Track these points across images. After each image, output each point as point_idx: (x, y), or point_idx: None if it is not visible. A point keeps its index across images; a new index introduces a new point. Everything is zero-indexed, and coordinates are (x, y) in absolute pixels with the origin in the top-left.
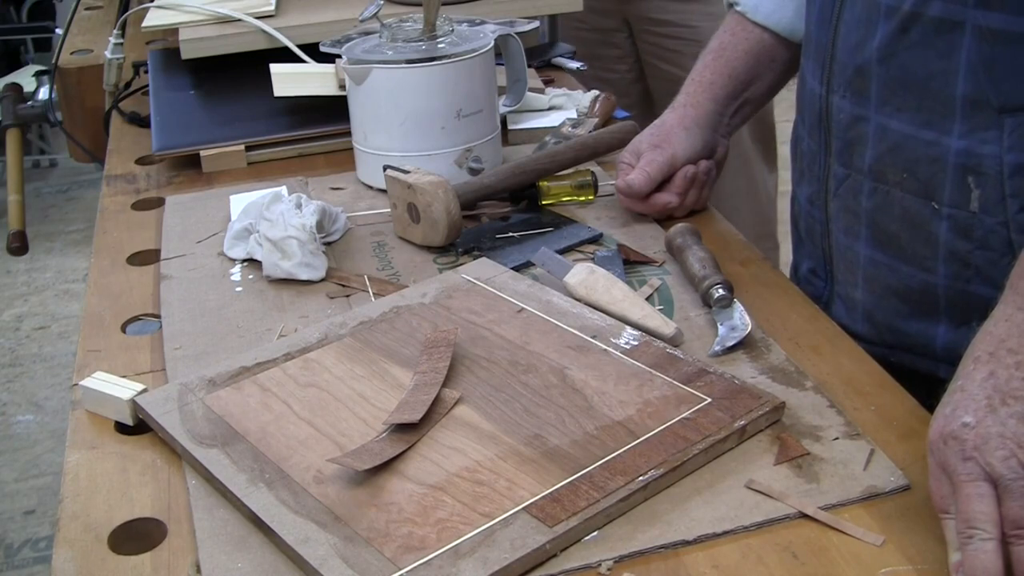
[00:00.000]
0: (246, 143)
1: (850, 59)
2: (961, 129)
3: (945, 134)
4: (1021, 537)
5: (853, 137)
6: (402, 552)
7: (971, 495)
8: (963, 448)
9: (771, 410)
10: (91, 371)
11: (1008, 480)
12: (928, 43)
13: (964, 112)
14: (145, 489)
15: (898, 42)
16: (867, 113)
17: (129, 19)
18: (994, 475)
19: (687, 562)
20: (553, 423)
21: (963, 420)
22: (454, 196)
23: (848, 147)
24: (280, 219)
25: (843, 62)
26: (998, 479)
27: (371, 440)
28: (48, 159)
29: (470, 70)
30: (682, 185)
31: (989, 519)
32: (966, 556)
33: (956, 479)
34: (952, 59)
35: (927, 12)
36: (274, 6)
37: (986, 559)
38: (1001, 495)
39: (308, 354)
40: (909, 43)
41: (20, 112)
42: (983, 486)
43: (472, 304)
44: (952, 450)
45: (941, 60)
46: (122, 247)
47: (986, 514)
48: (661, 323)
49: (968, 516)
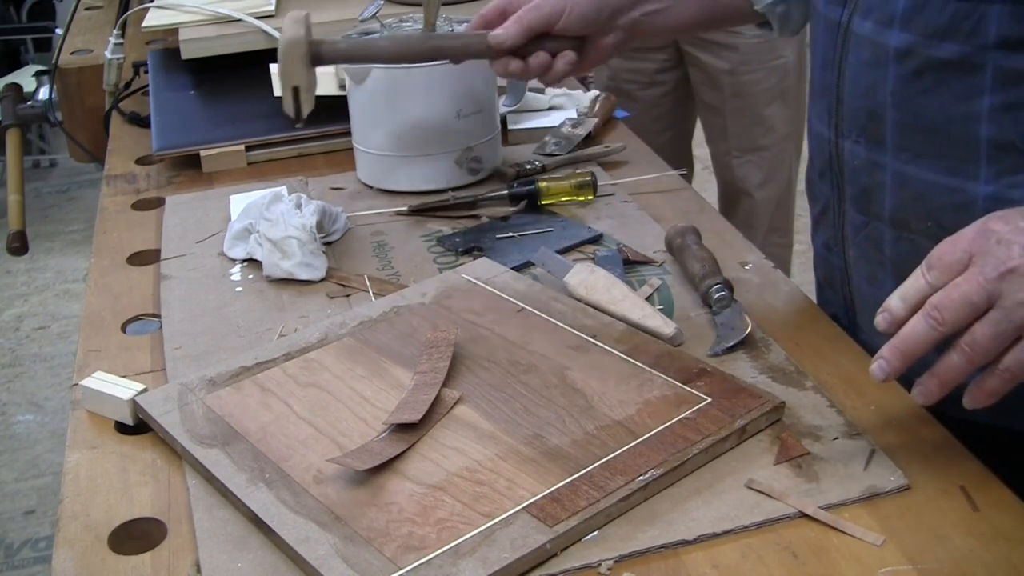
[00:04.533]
0: (246, 143)
1: (861, 104)
2: (988, 174)
3: (971, 180)
4: (965, 353)
5: (869, 184)
6: (402, 552)
7: (967, 292)
8: (1007, 263)
9: (771, 410)
10: (91, 371)
11: (1004, 318)
12: (946, 87)
13: (990, 156)
14: (145, 489)
15: (913, 86)
16: (883, 160)
17: (129, 19)
18: (1000, 303)
19: (687, 562)
20: (553, 423)
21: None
22: (304, 54)
23: (864, 194)
24: (280, 219)
25: (853, 107)
26: (998, 308)
27: (371, 440)
28: (48, 159)
29: (470, 70)
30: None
31: (958, 318)
32: (908, 327)
33: (974, 274)
34: (973, 102)
35: (941, 55)
36: (274, 6)
37: (922, 338)
38: (985, 316)
39: (308, 354)
40: (924, 87)
41: (20, 112)
42: (982, 297)
43: (472, 304)
44: (999, 252)
45: (961, 104)
46: (122, 247)
47: (960, 315)
48: (661, 323)
49: (947, 302)
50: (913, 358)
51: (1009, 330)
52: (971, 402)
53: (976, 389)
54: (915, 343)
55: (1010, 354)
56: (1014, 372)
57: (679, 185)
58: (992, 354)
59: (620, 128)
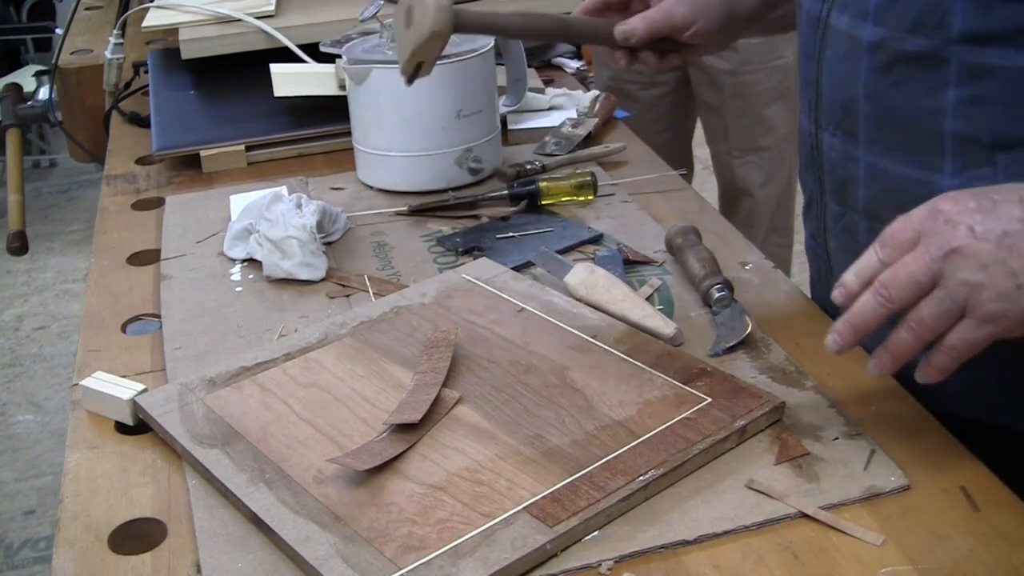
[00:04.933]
0: (246, 143)
1: (837, 97)
2: (953, 167)
3: (937, 173)
4: (912, 330)
5: (845, 176)
6: (402, 552)
7: (913, 271)
8: (951, 242)
9: (771, 410)
10: (91, 371)
11: (947, 296)
12: (914, 80)
13: (955, 150)
14: (145, 489)
15: (883, 80)
16: (857, 152)
17: (129, 19)
18: (943, 282)
19: (687, 562)
20: (553, 423)
21: (977, 226)
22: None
23: (841, 186)
24: (280, 219)
25: (830, 100)
26: (942, 287)
27: (371, 440)
28: (48, 159)
29: (470, 70)
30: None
31: (904, 296)
32: (859, 302)
33: (921, 253)
34: (939, 96)
35: (909, 49)
36: (274, 6)
37: (871, 314)
38: (930, 295)
39: (308, 354)
40: (894, 81)
41: (20, 112)
42: (927, 275)
43: (472, 304)
44: (945, 232)
45: (927, 97)
46: (122, 247)
47: (906, 292)
48: (661, 323)
49: (894, 279)
50: (864, 333)
51: (953, 308)
52: (922, 377)
53: (926, 365)
54: (865, 318)
55: (954, 332)
56: (959, 350)
57: (679, 185)
58: (938, 331)
59: (620, 128)
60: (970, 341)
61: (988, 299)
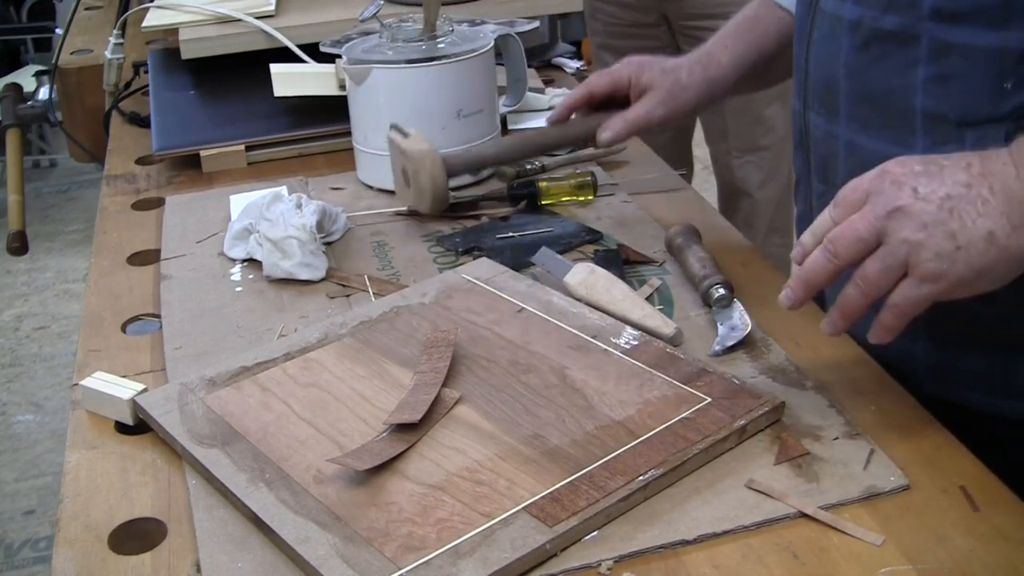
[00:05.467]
0: (246, 143)
1: (821, 75)
2: (923, 144)
3: (908, 149)
4: (859, 287)
5: (827, 154)
6: (402, 552)
7: (858, 229)
8: (895, 202)
9: (771, 410)
10: (91, 371)
11: (889, 254)
12: (888, 58)
13: (924, 127)
14: (145, 489)
15: (861, 58)
16: (837, 130)
17: (129, 19)
18: (887, 240)
19: (687, 562)
20: (553, 423)
21: (921, 187)
22: (441, 167)
23: (824, 163)
24: (280, 219)
25: (815, 79)
26: (885, 244)
27: (371, 440)
28: (48, 159)
29: (470, 70)
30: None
31: (850, 253)
32: (810, 259)
33: (866, 212)
34: (910, 73)
35: (885, 26)
36: (274, 6)
37: (820, 270)
38: (874, 253)
39: (308, 354)
40: (870, 58)
41: (20, 112)
42: (871, 233)
43: (472, 304)
44: (890, 192)
45: (900, 75)
46: (122, 247)
47: (852, 249)
48: (661, 323)
49: (840, 237)
50: (815, 288)
51: (895, 266)
52: (873, 337)
53: (876, 325)
54: (814, 274)
55: (897, 290)
56: (901, 308)
57: (679, 185)
58: (883, 287)
59: None
60: (911, 300)
61: (927, 258)
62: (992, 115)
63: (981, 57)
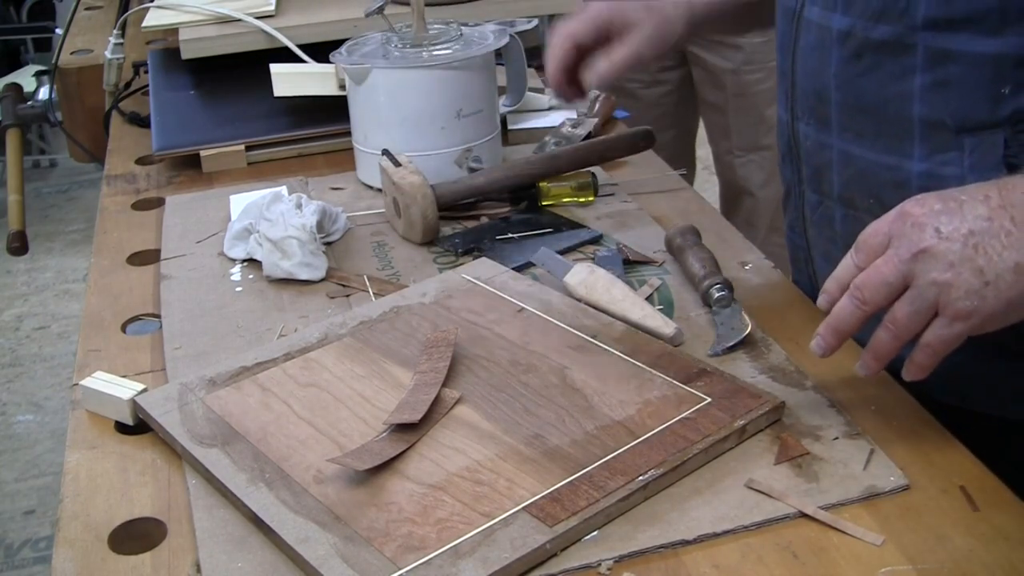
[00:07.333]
0: (246, 143)
1: (810, 86)
2: (921, 152)
3: (906, 158)
4: (889, 330)
5: (820, 164)
6: (402, 552)
7: (884, 273)
8: (919, 244)
9: (771, 410)
10: (91, 371)
11: (918, 296)
12: (882, 67)
13: (923, 135)
14: (145, 489)
15: (852, 67)
16: (829, 140)
17: (129, 19)
18: (914, 282)
19: (687, 562)
20: (553, 423)
21: (943, 227)
22: (432, 201)
23: (817, 174)
24: (280, 219)
25: (804, 89)
26: (913, 287)
27: (371, 440)
28: (48, 159)
29: (470, 70)
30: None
31: (878, 298)
32: (837, 306)
33: (891, 256)
34: (906, 82)
35: (877, 36)
36: (274, 6)
37: (849, 317)
38: (903, 296)
39: (308, 354)
40: (863, 68)
41: (20, 112)
42: (897, 277)
43: (472, 304)
44: (912, 234)
45: (895, 83)
46: (122, 247)
47: (879, 294)
48: (661, 323)
49: (867, 282)
50: (845, 334)
51: (924, 308)
52: (908, 375)
53: (909, 363)
54: (843, 321)
55: (929, 330)
56: (935, 347)
57: (679, 185)
58: (913, 330)
59: (620, 128)
60: (944, 339)
61: (957, 297)
62: (990, 120)
63: (979, 63)
